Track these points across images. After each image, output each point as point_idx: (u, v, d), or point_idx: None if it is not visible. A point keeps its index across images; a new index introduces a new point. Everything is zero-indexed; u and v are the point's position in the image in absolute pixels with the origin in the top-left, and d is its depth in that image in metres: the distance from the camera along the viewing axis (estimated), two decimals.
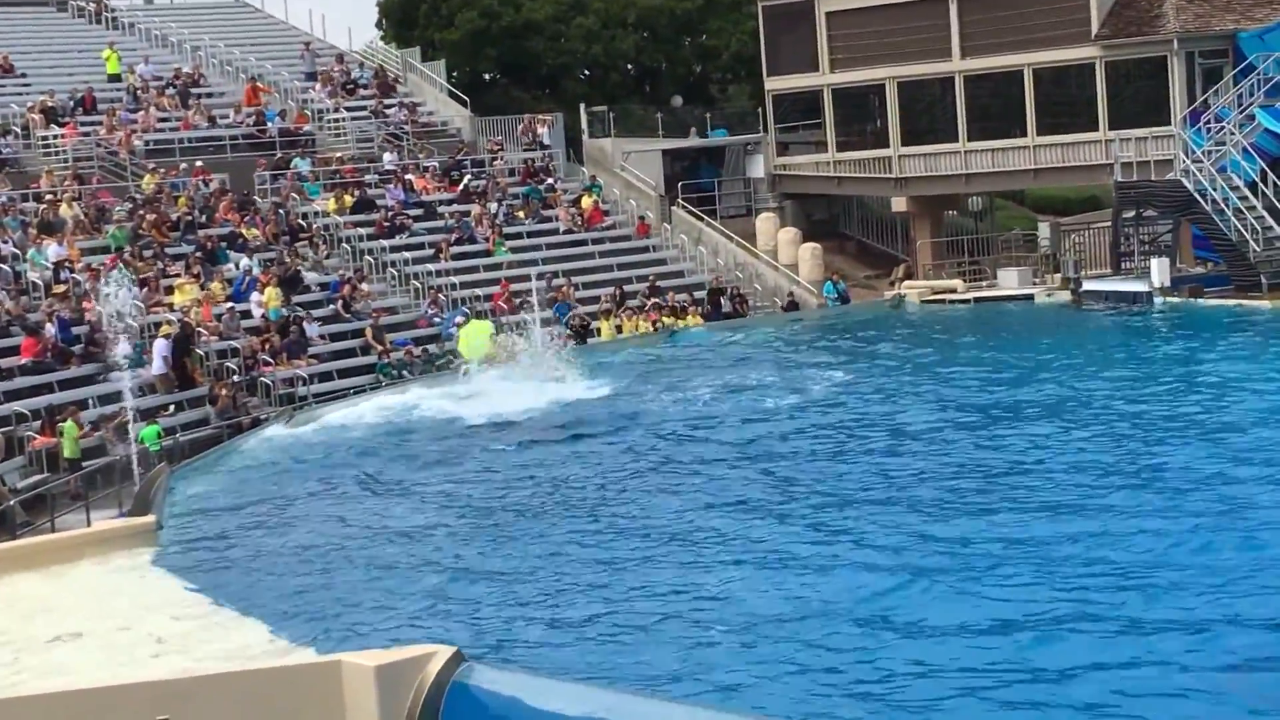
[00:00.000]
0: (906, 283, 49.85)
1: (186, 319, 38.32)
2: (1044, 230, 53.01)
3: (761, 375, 35.65)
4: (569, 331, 44.23)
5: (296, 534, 23.69)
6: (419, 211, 49.96)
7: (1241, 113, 44.23)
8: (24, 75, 54.58)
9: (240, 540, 23.70)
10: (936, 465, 24.82)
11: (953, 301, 46.83)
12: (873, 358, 37.62)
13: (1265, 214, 41.90)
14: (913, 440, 27.09)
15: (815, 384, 33.91)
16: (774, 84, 58.45)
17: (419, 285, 46.00)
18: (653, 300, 46.45)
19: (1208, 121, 44.64)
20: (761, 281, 51.10)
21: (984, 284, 49.53)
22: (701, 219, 53.87)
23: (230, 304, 40.66)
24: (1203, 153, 43.17)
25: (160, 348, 36.13)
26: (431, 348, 42.36)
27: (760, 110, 60.45)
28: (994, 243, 55.08)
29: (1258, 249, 41.50)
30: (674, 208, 54.51)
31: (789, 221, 56.11)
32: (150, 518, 23.47)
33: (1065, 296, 44.79)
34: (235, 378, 37.64)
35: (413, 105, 57.84)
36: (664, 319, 45.63)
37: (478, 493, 25.68)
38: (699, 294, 48.39)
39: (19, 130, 49.60)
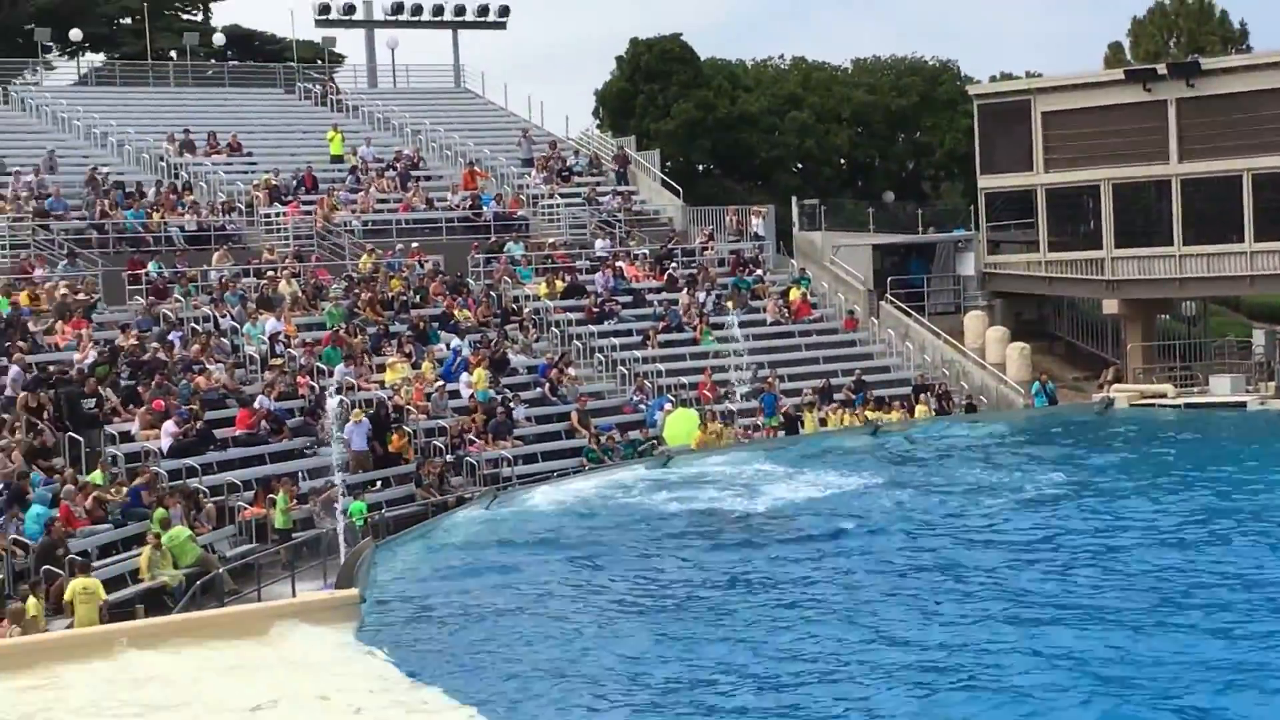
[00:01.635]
0: (1116, 386, 49.21)
1: (384, 403, 38.80)
2: (1259, 338, 52.12)
3: (976, 475, 35.52)
4: (774, 423, 44.29)
5: (497, 616, 23.87)
6: (628, 298, 50.32)
7: None
8: (250, 154, 55.99)
9: (442, 619, 23.96)
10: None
11: (1162, 407, 46.14)
12: (1084, 462, 37.13)
13: None
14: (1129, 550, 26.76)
15: (1029, 486, 33.58)
16: (987, 182, 58.26)
17: (625, 371, 46.32)
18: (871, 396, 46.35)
19: None
20: (968, 380, 50.73)
21: (1195, 390, 48.76)
22: (909, 315, 53.66)
23: (440, 383, 41.21)
24: None
25: (357, 428, 36.67)
26: (635, 434, 42.58)
27: (972, 208, 60.21)
28: (1207, 348, 54.25)
29: None
30: (882, 303, 54.37)
31: (998, 320, 55.72)
32: (354, 591, 23.85)
33: (1279, 406, 43.97)
34: (442, 457, 38.11)
35: (626, 193, 58.38)
36: (869, 413, 45.48)
37: (680, 588, 25.69)
38: (904, 390, 48.15)
39: (243, 208, 50.84)
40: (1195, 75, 53.61)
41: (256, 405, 37.17)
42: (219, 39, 74.39)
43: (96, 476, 31.37)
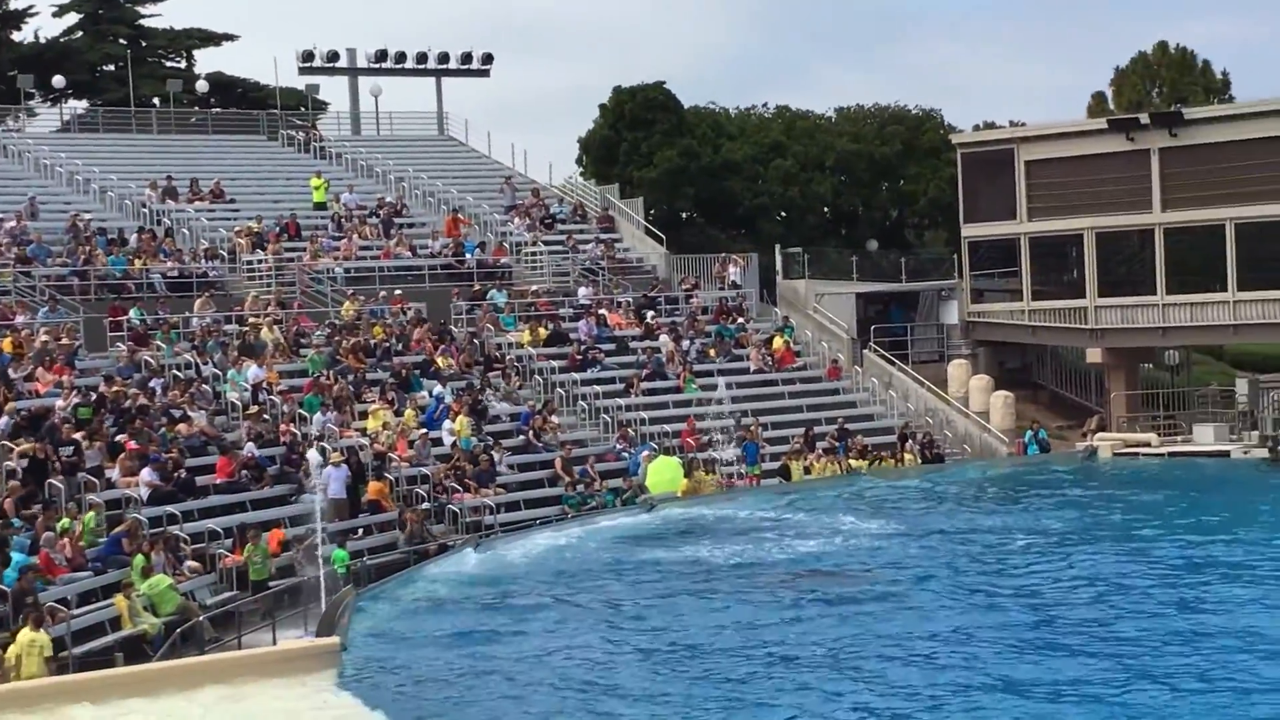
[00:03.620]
0: (1099, 434, 49.18)
1: (358, 450, 38.63)
2: (1242, 386, 52.10)
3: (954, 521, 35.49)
4: (756, 471, 44.18)
5: (478, 664, 23.74)
6: (611, 346, 50.27)
7: None
8: (233, 201, 55.98)
9: (422, 666, 23.82)
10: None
11: (1146, 455, 46.08)
12: (1069, 508, 37.05)
13: None
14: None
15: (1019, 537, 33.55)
16: (970, 230, 58.38)
17: (608, 419, 46.22)
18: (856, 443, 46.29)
19: None
20: (952, 428, 50.70)
21: (1179, 439, 48.74)
22: (893, 363, 53.67)
23: (422, 430, 41.08)
24: None
25: (332, 475, 36.52)
26: (618, 482, 42.45)
27: (955, 256, 60.31)
28: (1190, 397, 54.28)
29: None
30: (866, 351, 54.38)
31: (981, 369, 55.76)
32: (335, 639, 23.69)
33: (1263, 454, 43.92)
34: (424, 504, 37.96)
35: (610, 241, 58.37)
36: (851, 462, 45.43)
37: (670, 634, 25.56)
38: (888, 438, 48.09)
39: (225, 254, 50.75)
40: (1178, 125, 53.81)
41: (239, 453, 37.02)
42: (202, 86, 74.52)
43: (87, 520, 31.24)
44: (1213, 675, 20.94)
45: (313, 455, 37.09)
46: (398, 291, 50.01)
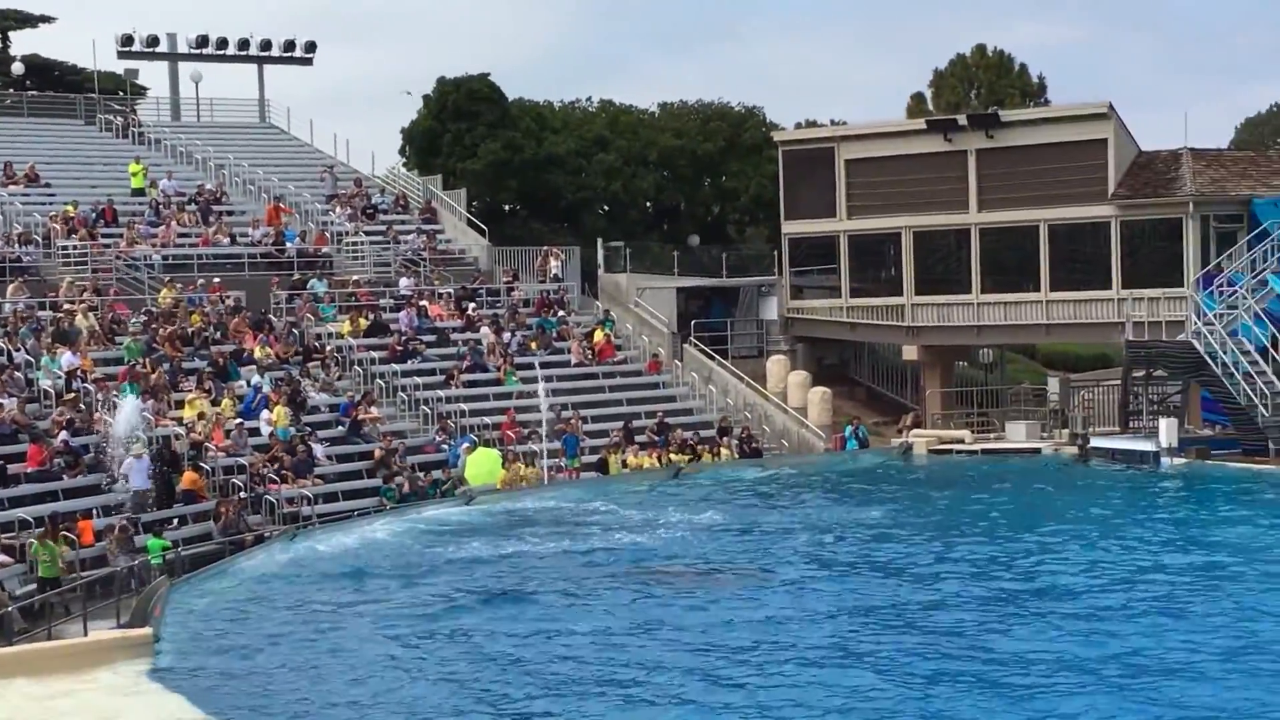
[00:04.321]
0: (915, 431, 49.86)
1: (167, 440, 38.20)
2: (1054, 385, 53.11)
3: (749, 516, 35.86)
4: (576, 464, 44.28)
5: (291, 652, 23.65)
6: (432, 337, 50.13)
7: (1254, 278, 44.46)
8: (49, 185, 55.09)
9: (235, 656, 23.67)
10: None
11: (960, 452, 46.79)
12: (885, 503, 37.51)
13: (1275, 379, 41.99)
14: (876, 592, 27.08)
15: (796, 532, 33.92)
16: (791, 227, 58.89)
17: (428, 410, 46.09)
18: (678, 437, 46.55)
19: (1220, 285, 44.85)
20: (770, 424, 51.16)
21: (992, 436, 49.54)
22: (712, 358, 54.03)
23: (239, 420, 40.72)
24: (1214, 315, 43.35)
25: (135, 466, 36.11)
26: (437, 474, 42.38)
27: (776, 253, 60.80)
28: (1003, 395, 55.22)
29: (1266, 414, 41.56)
30: (686, 345, 54.69)
31: (800, 364, 56.29)
32: (147, 630, 23.46)
33: (1072, 452, 44.78)
34: (240, 494, 37.64)
35: (431, 232, 58.17)
36: (671, 456, 45.67)
37: (475, 616, 25.69)
38: (707, 433, 48.40)
39: (40, 239, 49.93)
40: (994, 126, 54.64)
41: (50, 441, 36.49)
42: (18, 68, 73.13)
43: None
44: (1025, 663, 21.33)
45: (116, 434, 36.67)
46: (216, 279, 49.51)
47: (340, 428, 43.28)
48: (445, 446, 43.98)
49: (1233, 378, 42.25)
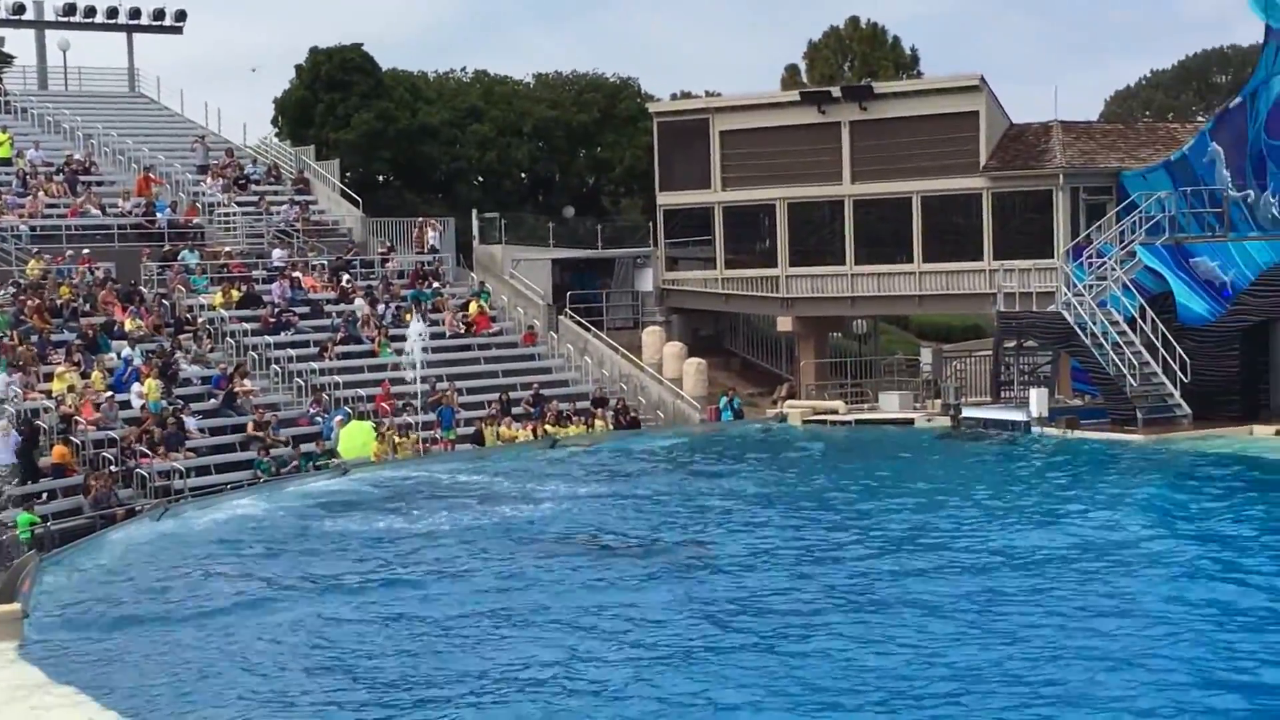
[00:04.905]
0: (789, 402, 50.08)
1: (33, 414, 37.75)
2: (926, 356, 53.50)
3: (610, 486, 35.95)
4: (452, 436, 44.19)
5: (162, 627, 23.44)
6: (305, 309, 49.81)
7: (1123, 249, 44.95)
8: None
9: (105, 631, 23.43)
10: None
11: (834, 423, 47.05)
12: (761, 474, 37.65)
13: (1143, 350, 42.50)
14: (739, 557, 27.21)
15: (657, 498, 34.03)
16: (666, 199, 58.98)
17: (302, 383, 45.80)
18: (552, 408, 46.55)
19: (1090, 256, 45.33)
20: (646, 395, 51.26)
21: (865, 406, 49.83)
22: (588, 329, 54.05)
23: (109, 393, 40.28)
24: (1084, 287, 43.80)
25: (3, 441, 35.68)
26: (311, 446, 42.14)
27: (651, 224, 60.88)
28: (877, 366, 55.62)
29: (1134, 384, 42.05)
30: (561, 317, 54.67)
31: (675, 336, 56.44)
32: (16, 606, 23.15)
33: (945, 422, 45.12)
34: (111, 468, 37.25)
35: (304, 203, 57.76)
36: (546, 427, 45.66)
37: (348, 591, 25.58)
38: (582, 404, 48.43)
39: None
40: (867, 99, 54.95)
41: None
42: None
43: None
44: (896, 635, 21.50)
45: None
46: (86, 251, 48.89)
47: (213, 400, 42.93)
48: (320, 419, 43.73)
49: (1102, 348, 42.70)
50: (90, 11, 66.03)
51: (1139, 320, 43.04)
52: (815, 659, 20.42)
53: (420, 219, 58.97)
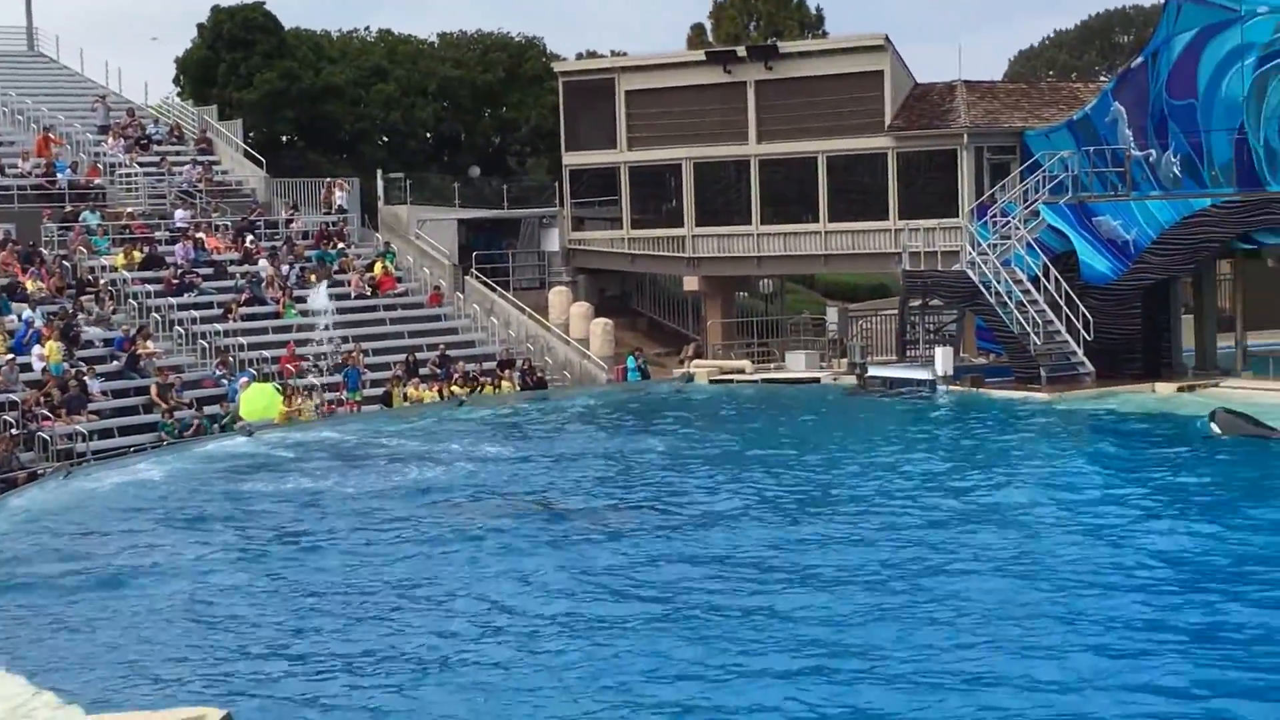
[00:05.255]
0: (696, 362, 50.19)
1: None
2: (832, 315, 53.76)
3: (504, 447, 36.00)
4: (358, 398, 44.01)
5: (66, 594, 23.25)
6: (209, 270, 49.43)
7: (1026, 208, 45.25)
8: None
9: (6, 594, 23.24)
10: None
11: (740, 382, 47.18)
12: (668, 433, 37.72)
13: (1046, 308, 42.84)
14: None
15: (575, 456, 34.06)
16: (572, 159, 58.87)
17: (206, 344, 45.47)
18: (460, 370, 46.44)
19: (994, 215, 45.61)
20: (553, 355, 51.22)
21: (772, 366, 49.99)
22: (494, 290, 53.92)
23: (10, 356, 39.85)
24: (988, 245, 44.08)
25: None
26: (215, 408, 41.89)
27: (557, 184, 60.76)
28: (783, 325, 55.80)
29: (1038, 342, 42.39)
30: (467, 278, 54.50)
31: (582, 296, 56.38)
32: None
33: (851, 381, 45.34)
34: (12, 432, 36.88)
35: (207, 163, 57.27)
36: (453, 388, 45.57)
37: (247, 550, 25.58)
38: (489, 365, 48.35)
39: None
40: (773, 58, 54.98)
41: None
42: None
43: None
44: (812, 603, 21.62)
45: None
46: None
47: (116, 363, 42.56)
48: (225, 381, 43.46)
49: (1006, 307, 43.01)
50: None
51: (1042, 279, 43.36)
52: (724, 622, 20.51)
53: (328, 180, 58.57)
